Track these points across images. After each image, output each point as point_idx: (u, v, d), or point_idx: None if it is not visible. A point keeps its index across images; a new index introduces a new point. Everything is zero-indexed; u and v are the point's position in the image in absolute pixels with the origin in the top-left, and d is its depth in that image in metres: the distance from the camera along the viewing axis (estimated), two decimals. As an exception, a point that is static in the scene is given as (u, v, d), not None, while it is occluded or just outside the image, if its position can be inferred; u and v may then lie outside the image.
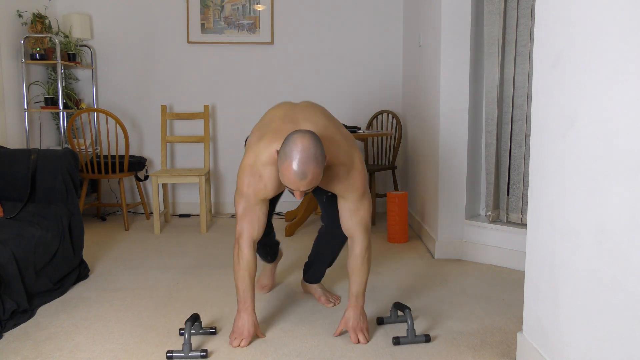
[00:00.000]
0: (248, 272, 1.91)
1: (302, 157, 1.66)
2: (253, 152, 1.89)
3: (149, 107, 4.39)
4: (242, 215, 1.91)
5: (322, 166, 1.70)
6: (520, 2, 2.78)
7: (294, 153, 1.66)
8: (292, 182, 1.69)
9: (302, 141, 1.68)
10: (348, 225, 1.97)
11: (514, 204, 2.90)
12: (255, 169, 1.87)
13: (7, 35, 3.63)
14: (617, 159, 1.22)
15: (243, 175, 1.89)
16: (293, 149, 1.67)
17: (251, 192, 1.88)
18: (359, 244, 1.96)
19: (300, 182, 1.68)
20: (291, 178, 1.68)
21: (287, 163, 1.67)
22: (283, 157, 1.69)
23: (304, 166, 1.66)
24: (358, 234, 1.95)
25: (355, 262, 1.97)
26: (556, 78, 1.53)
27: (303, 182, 1.68)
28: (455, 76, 3.00)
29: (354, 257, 1.97)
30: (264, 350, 1.89)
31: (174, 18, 4.32)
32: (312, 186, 1.71)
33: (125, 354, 1.87)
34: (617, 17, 1.22)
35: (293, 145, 1.68)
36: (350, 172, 1.90)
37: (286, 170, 1.68)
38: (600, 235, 1.30)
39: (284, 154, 1.69)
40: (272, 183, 1.88)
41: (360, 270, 1.96)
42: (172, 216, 4.40)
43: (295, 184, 1.68)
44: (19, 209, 2.51)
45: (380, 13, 4.39)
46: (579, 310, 1.41)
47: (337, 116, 4.46)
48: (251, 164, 1.87)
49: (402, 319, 2.10)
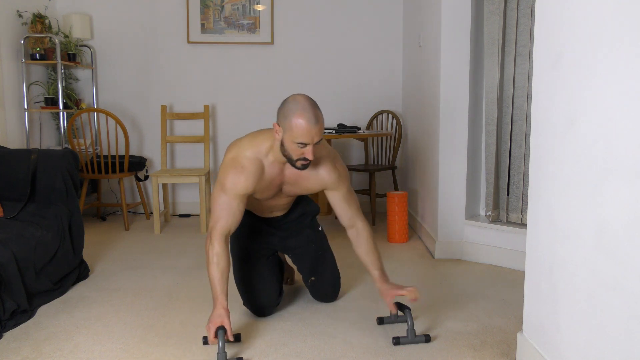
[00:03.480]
0: (217, 266, 1.87)
1: (308, 105, 1.79)
2: (235, 148, 1.97)
3: (149, 107, 4.39)
4: (219, 208, 1.92)
5: None
6: (520, 2, 2.78)
7: (300, 105, 1.79)
8: (305, 131, 1.76)
9: (301, 96, 1.82)
10: (348, 215, 2.10)
11: (514, 204, 2.90)
12: (238, 162, 1.92)
13: (7, 35, 3.63)
14: (617, 159, 1.22)
15: (225, 170, 1.93)
16: (298, 102, 1.80)
17: (231, 185, 1.91)
18: (364, 229, 2.10)
19: (314, 127, 1.77)
20: (304, 126, 1.76)
21: (296, 114, 1.77)
22: (289, 112, 1.79)
23: (313, 110, 1.78)
24: (359, 220, 2.11)
25: (368, 244, 2.09)
26: (556, 78, 1.53)
27: (317, 127, 1.78)
28: (455, 76, 3.00)
29: (364, 240, 2.09)
30: (264, 350, 1.89)
31: (174, 18, 4.32)
32: (321, 136, 1.81)
33: (125, 354, 1.87)
34: (617, 17, 1.22)
35: (294, 100, 1.81)
36: (335, 162, 2.04)
37: (297, 121, 1.77)
38: (600, 235, 1.29)
39: (289, 110, 1.80)
40: (253, 177, 1.92)
41: (375, 249, 2.10)
42: (172, 216, 4.40)
43: (309, 131, 1.77)
44: (19, 209, 2.51)
45: (380, 13, 4.39)
46: (579, 310, 1.41)
47: (337, 116, 4.47)
48: (233, 158, 1.93)
49: (402, 319, 2.09)
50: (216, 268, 1.87)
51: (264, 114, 4.44)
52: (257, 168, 1.93)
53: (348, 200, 2.09)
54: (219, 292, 1.86)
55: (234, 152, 1.96)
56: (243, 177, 1.91)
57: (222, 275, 1.88)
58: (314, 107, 1.79)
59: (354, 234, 2.12)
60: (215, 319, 1.80)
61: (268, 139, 1.96)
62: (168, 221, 4.18)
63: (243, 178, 1.91)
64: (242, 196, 1.93)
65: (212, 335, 1.77)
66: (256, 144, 1.95)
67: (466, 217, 3.07)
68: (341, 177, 2.06)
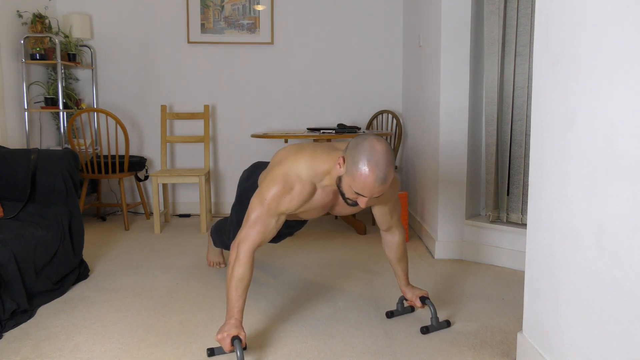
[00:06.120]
0: (241, 282, 1.79)
1: (382, 160, 1.61)
2: (290, 161, 1.80)
3: (149, 107, 4.39)
4: (254, 222, 1.81)
5: None
6: (520, 2, 2.78)
7: (374, 156, 1.61)
8: (369, 188, 1.62)
9: (378, 144, 1.63)
10: (390, 224, 2.09)
11: (514, 204, 2.90)
12: (288, 180, 1.78)
13: (7, 35, 3.63)
14: (617, 159, 1.22)
15: (272, 183, 1.78)
16: (371, 153, 1.61)
17: (273, 202, 1.79)
18: (400, 235, 2.13)
19: (380, 187, 1.63)
20: (370, 183, 1.61)
21: (366, 168, 1.61)
22: (359, 162, 1.62)
23: (386, 169, 1.62)
24: (398, 227, 2.12)
25: (400, 251, 2.14)
26: (556, 78, 1.53)
27: (382, 187, 1.64)
28: (455, 76, 3.00)
29: (398, 247, 2.13)
30: (264, 350, 1.89)
31: (174, 18, 4.32)
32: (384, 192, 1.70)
33: (125, 354, 1.87)
34: (617, 17, 1.22)
35: (370, 149, 1.62)
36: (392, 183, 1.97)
37: (364, 174, 1.61)
38: (600, 235, 1.29)
39: (360, 159, 1.62)
40: (300, 200, 1.80)
41: (406, 256, 2.17)
42: (172, 216, 4.40)
43: (372, 189, 1.63)
44: (19, 209, 2.51)
45: (380, 13, 4.39)
46: (579, 310, 1.41)
47: (337, 116, 4.47)
48: (285, 174, 1.78)
49: (406, 310, 2.24)
50: (239, 284, 1.79)
51: (264, 114, 4.44)
52: (307, 193, 1.80)
53: (392, 212, 2.05)
54: (237, 310, 1.79)
55: (287, 165, 1.80)
56: (288, 198, 1.78)
57: (244, 293, 1.81)
58: (387, 165, 1.62)
59: (389, 237, 2.13)
60: (231, 330, 1.75)
61: (328, 161, 1.79)
62: (168, 221, 4.18)
63: (288, 199, 1.78)
64: (281, 215, 1.82)
65: (228, 344, 1.73)
66: (314, 165, 1.79)
67: (466, 217, 3.07)
68: (394, 195, 2.00)
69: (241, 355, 1.71)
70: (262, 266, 2.92)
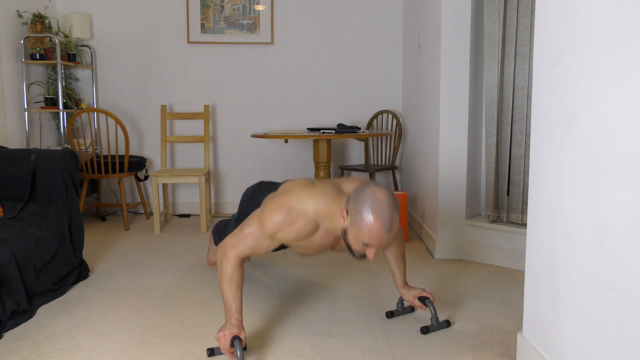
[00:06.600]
0: (231, 281, 1.80)
1: (386, 207, 1.60)
2: (298, 195, 1.79)
3: (149, 107, 4.39)
4: (247, 236, 1.81)
5: None
6: (520, 2, 2.78)
7: (378, 204, 1.60)
8: (377, 237, 1.60)
9: (379, 191, 1.63)
10: None
11: (514, 204, 2.90)
12: (292, 213, 1.77)
13: (7, 35, 3.63)
14: (617, 159, 1.22)
15: (276, 211, 1.77)
16: (374, 202, 1.60)
17: (271, 228, 1.78)
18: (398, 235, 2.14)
19: (386, 235, 1.60)
20: (377, 232, 1.59)
21: (370, 217, 1.59)
22: (363, 208, 1.61)
23: (390, 217, 1.60)
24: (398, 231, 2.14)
25: (399, 252, 2.14)
26: (556, 78, 1.53)
27: (389, 235, 1.61)
28: (455, 76, 3.00)
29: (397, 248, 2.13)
30: (263, 350, 1.89)
31: (174, 18, 4.32)
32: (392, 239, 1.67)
33: (125, 354, 1.87)
34: (616, 17, 1.22)
35: (372, 197, 1.61)
36: None
37: (369, 223, 1.59)
38: (600, 235, 1.29)
39: (364, 208, 1.60)
40: (299, 235, 1.80)
41: (404, 257, 2.17)
42: (172, 216, 4.40)
43: (380, 238, 1.61)
44: (19, 209, 2.51)
45: (380, 13, 4.39)
46: (579, 310, 1.41)
47: (337, 116, 4.47)
48: (290, 206, 1.77)
49: (406, 310, 2.23)
50: (232, 284, 1.80)
51: (264, 114, 4.44)
52: (308, 230, 1.79)
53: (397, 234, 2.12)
54: (234, 309, 1.80)
55: (295, 198, 1.78)
56: (288, 230, 1.77)
57: (238, 292, 1.82)
58: (392, 211, 1.61)
59: None
60: (232, 329, 1.75)
61: (334, 205, 1.77)
62: (168, 221, 4.18)
63: (287, 230, 1.77)
64: (276, 241, 1.82)
65: (227, 344, 1.72)
66: (321, 203, 1.77)
67: (466, 217, 3.07)
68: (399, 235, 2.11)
69: (241, 355, 1.71)
70: (261, 266, 2.92)
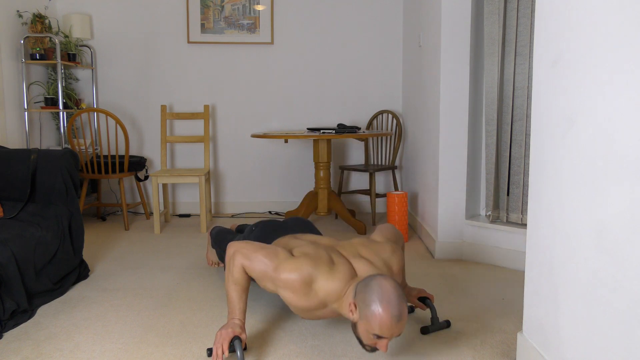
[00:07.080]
0: (237, 283, 1.83)
1: (394, 297, 1.60)
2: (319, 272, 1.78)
3: (149, 107, 4.39)
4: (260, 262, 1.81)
5: None
6: (520, 2, 2.78)
7: (385, 295, 1.60)
8: (387, 327, 1.59)
9: (385, 282, 1.63)
10: None
11: (514, 204, 2.90)
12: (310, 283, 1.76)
13: (7, 35, 3.63)
14: (617, 159, 1.22)
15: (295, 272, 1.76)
16: (383, 290, 1.61)
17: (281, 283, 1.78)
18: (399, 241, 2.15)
19: (397, 325, 1.60)
20: (387, 322, 1.59)
21: (379, 308, 1.59)
22: (371, 300, 1.61)
23: (399, 305, 1.60)
24: None
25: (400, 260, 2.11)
26: (556, 78, 1.53)
27: (400, 325, 1.61)
28: (455, 76, 3.00)
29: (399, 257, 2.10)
30: (264, 350, 1.89)
31: (174, 18, 4.32)
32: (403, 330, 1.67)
33: (125, 354, 1.87)
34: (616, 17, 1.22)
35: (380, 287, 1.62)
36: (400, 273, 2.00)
37: (378, 314, 1.59)
38: (600, 235, 1.29)
39: (372, 300, 1.61)
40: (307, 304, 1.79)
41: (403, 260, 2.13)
42: (172, 216, 4.40)
43: (391, 328, 1.60)
44: (19, 209, 2.51)
45: (380, 13, 4.39)
46: (579, 310, 1.41)
47: (337, 116, 4.47)
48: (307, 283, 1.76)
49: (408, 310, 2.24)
50: (237, 287, 1.83)
51: (264, 114, 4.44)
52: (313, 307, 1.79)
53: None
54: (238, 311, 1.82)
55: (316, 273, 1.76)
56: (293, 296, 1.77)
57: (243, 294, 1.84)
58: (400, 301, 1.60)
59: None
60: (235, 329, 1.77)
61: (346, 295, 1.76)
62: (168, 221, 4.18)
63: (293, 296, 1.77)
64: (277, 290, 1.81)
65: (226, 341, 1.73)
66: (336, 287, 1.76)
67: (466, 217, 3.07)
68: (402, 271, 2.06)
69: (241, 355, 1.71)
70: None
